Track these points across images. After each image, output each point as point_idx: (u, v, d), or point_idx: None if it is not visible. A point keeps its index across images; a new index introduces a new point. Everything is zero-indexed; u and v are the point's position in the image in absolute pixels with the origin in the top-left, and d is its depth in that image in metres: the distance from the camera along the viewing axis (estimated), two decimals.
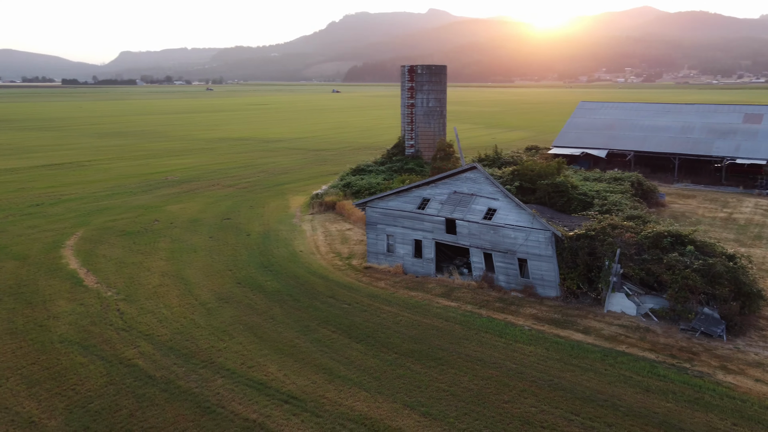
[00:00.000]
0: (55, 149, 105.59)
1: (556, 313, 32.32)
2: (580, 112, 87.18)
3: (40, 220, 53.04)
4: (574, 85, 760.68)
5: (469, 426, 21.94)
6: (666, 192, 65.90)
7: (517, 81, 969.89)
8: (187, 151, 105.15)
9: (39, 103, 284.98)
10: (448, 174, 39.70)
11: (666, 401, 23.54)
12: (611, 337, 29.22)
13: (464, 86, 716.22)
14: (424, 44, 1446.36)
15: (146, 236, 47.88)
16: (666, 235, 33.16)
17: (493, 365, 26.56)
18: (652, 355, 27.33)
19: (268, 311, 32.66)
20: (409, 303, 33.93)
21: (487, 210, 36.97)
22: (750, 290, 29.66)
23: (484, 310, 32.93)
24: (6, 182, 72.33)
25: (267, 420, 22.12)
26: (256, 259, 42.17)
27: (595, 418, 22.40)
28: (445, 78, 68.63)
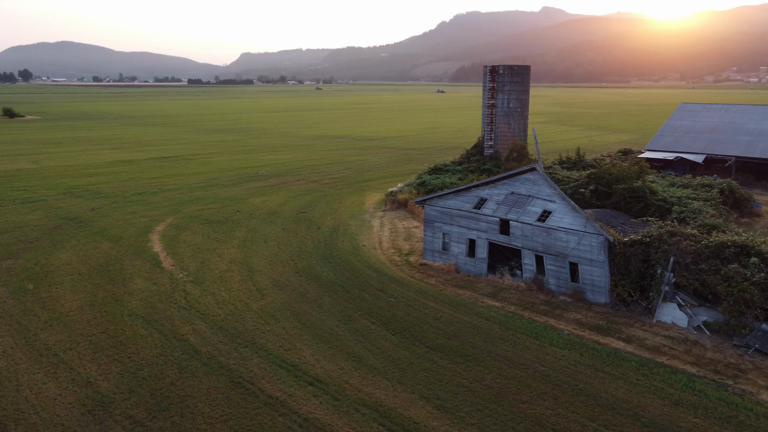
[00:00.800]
0: (166, 143, 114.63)
1: (601, 319, 31.54)
2: (679, 114, 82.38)
3: (140, 207, 58.37)
4: (698, 85, 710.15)
5: (479, 421, 22.30)
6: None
7: (634, 81, 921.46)
8: (283, 147, 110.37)
9: (163, 101, 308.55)
10: (507, 175, 39.59)
11: (694, 416, 22.61)
12: (654, 348, 28.19)
13: (575, 87, 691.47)
14: (536, 43, 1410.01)
15: (226, 225, 51.44)
16: (729, 245, 31.31)
17: (520, 366, 26.59)
18: (694, 369, 26.14)
19: (317, 300, 34.38)
20: (454, 300, 34.40)
21: (542, 212, 36.59)
22: None
23: (527, 312, 32.75)
24: (121, 172, 79.84)
25: (289, 398, 23.67)
26: (320, 251, 44.18)
27: (611, 426, 22.00)
28: (528, 79, 67.58)
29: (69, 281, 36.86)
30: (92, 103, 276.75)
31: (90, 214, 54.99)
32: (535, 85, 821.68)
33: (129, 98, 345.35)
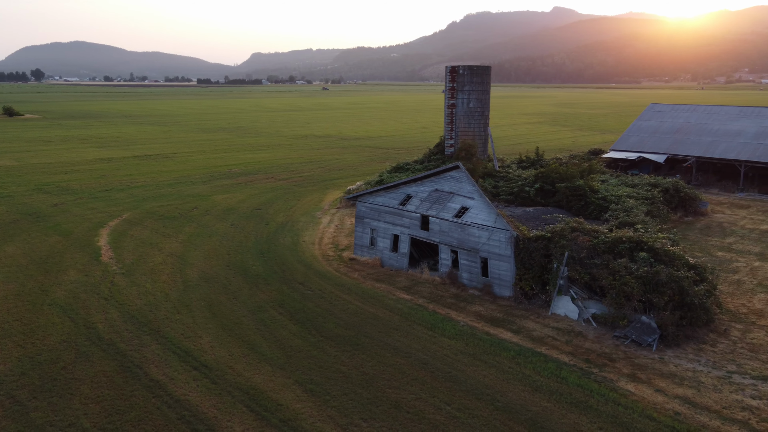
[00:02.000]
0: (153, 142, 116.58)
1: (500, 312, 32.65)
2: (647, 115, 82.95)
3: (102, 203, 60.06)
4: (708, 86, 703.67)
5: (341, 404, 23.53)
6: (724, 201, 61.83)
7: (645, 82, 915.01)
8: (266, 146, 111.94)
9: (168, 101, 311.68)
10: (433, 172, 40.78)
11: (547, 401, 23.69)
12: (538, 339, 29.26)
13: (584, 87, 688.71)
14: (546, 44, 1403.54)
15: (178, 221, 52.95)
16: (624, 240, 32.29)
17: (404, 354, 27.77)
18: (567, 358, 27.20)
19: (236, 292, 35.74)
20: (367, 293, 35.61)
21: (460, 208, 37.72)
22: (692, 301, 28.38)
23: (433, 304, 33.91)
24: (97, 169, 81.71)
25: (169, 382, 25.02)
26: (260, 246, 45.55)
27: (465, 409, 23.14)
28: (489, 79, 68.52)
29: (5, 272, 38.48)
30: (96, 103, 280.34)
31: (51, 210, 56.74)
32: (544, 85, 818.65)
33: (135, 98, 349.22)
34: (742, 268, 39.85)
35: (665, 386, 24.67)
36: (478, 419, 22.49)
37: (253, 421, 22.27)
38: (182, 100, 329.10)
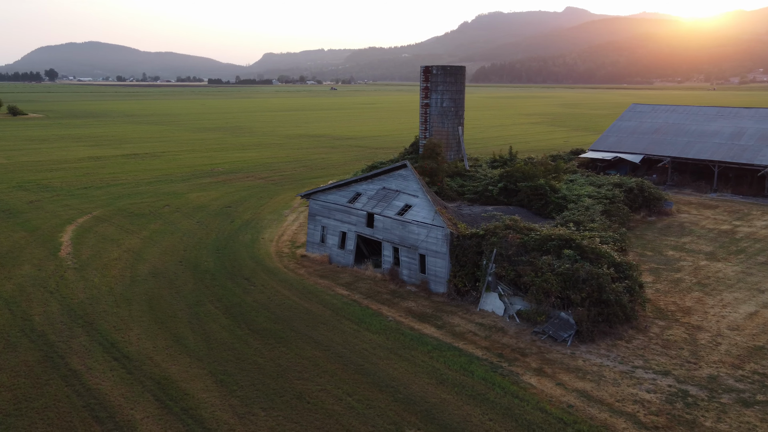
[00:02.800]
0: (146, 141, 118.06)
1: (431, 308, 33.21)
2: (628, 115, 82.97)
3: (77, 200, 61.26)
4: (720, 87, 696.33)
5: (246, 394, 24.24)
6: (694, 201, 61.86)
7: (657, 83, 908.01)
8: (256, 145, 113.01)
9: (173, 101, 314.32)
10: (382, 170, 41.44)
11: (448, 393, 24.25)
12: (459, 334, 29.81)
13: (595, 88, 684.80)
14: (558, 44, 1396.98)
15: (146, 218, 53.95)
16: (553, 238, 32.74)
17: (324, 347, 28.43)
18: (480, 353, 27.73)
19: (181, 286, 36.57)
20: (307, 289, 36.31)
21: (404, 206, 38.31)
22: (609, 298, 28.79)
23: (368, 300, 34.54)
24: (83, 168, 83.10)
25: (86, 372, 25.85)
26: (219, 242, 46.40)
27: (365, 400, 23.76)
28: (463, 79, 68.99)
29: None
30: (102, 103, 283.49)
31: (25, 207, 57.99)
32: (554, 86, 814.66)
33: (142, 97, 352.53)
34: (687, 267, 40.09)
35: (567, 380, 25.14)
36: (374, 410, 23.10)
37: (155, 409, 23.03)
38: (188, 100, 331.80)
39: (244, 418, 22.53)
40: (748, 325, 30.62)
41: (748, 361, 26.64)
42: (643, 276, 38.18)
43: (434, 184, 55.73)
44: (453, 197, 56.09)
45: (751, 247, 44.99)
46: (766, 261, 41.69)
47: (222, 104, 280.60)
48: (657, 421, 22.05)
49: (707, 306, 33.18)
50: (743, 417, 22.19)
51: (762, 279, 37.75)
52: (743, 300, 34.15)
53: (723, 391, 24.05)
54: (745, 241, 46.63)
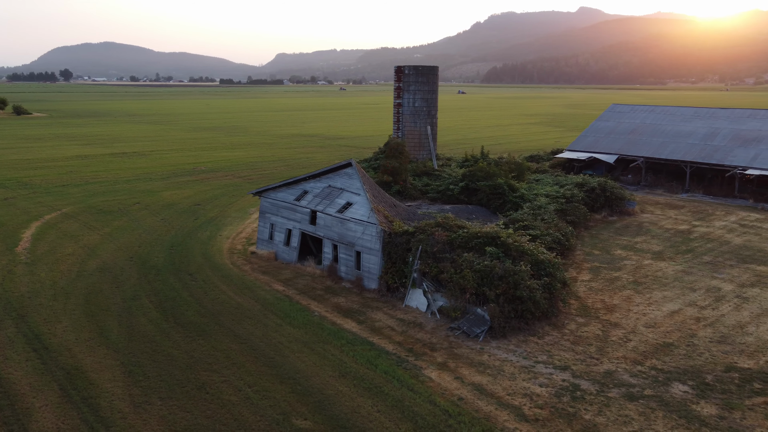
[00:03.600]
0: (139, 140, 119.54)
1: (359, 304, 33.78)
2: (607, 115, 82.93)
3: (51, 198, 62.48)
4: (735, 87, 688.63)
5: (150, 384, 24.95)
6: (662, 201, 61.84)
7: (671, 83, 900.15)
8: (246, 145, 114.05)
9: (179, 101, 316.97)
10: (329, 168, 42.08)
11: (345, 386, 24.82)
12: (377, 329, 30.35)
13: (606, 88, 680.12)
14: (570, 44, 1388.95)
15: (113, 215, 54.98)
16: (480, 235, 33.17)
17: (242, 340, 29.10)
18: (392, 347, 28.26)
19: (124, 281, 37.41)
20: (246, 284, 37.02)
21: (345, 204, 38.90)
22: (522, 294, 29.19)
23: (301, 296, 35.17)
24: (68, 166, 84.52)
25: (3, 361, 26.72)
26: (176, 239, 47.26)
27: (263, 391, 24.38)
28: (435, 79, 69.42)
29: None
30: (109, 102, 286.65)
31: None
32: (566, 86, 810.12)
33: (150, 97, 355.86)
34: (628, 266, 40.30)
35: (467, 374, 25.60)
36: (268, 400, 23.73)
37: (56, 398, 23.81)
38: (194, 100, 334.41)
39: (140, 407, 23.25)
40: (666, 322, 30.88)
41: (651, 357, 26.94)
42: (582, 274, 38.61)
43: (397, 183, 56.33)
44: (416, 196, 56.65)
45: (701, 247, 45.07)
46: (711, 260, 41.80)
47: (226, 104, 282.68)
48: (539, 414, 22.47)
49: (633, 304, 33.44)
50: (623, 410, 22.54)
51: (699, 278, 37.91)
52: (671, 298, 34.37)
53: (614, 385, 24.40)
54: (697, 241, 46.70)
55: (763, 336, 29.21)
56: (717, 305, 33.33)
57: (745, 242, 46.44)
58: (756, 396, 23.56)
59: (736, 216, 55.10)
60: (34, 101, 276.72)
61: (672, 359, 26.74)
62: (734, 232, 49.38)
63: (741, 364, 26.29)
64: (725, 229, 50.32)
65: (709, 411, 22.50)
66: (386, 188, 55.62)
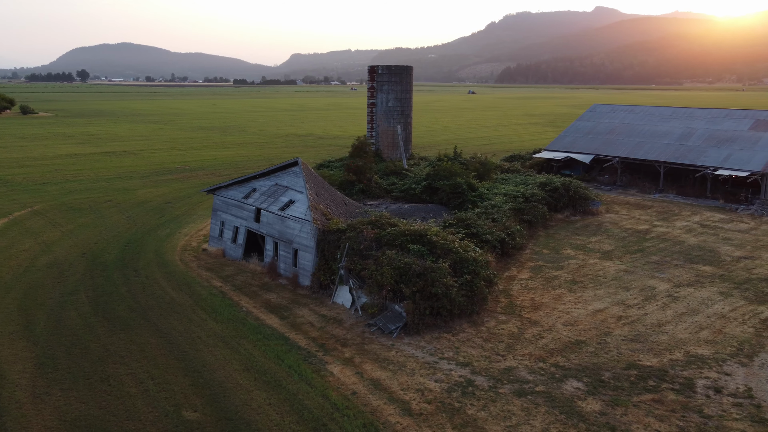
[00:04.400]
0: (133, 139, 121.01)
1: (289, 300, 34.23)
2: (587, 115, 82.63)
3: (27, 195, 63.68)
4: (751, 87, 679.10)
5: (56, 376, 25.57)
6: (632, 201, 61.59)
7: (687, 83, 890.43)
8: (238, 144, 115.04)
9: (186, 101, 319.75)
10: (277, 167, 42.59)
11: (246, 379, 25.26)
12: (296, 325, 30.78)
13: (619, 89, 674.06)
14: (585, 44, 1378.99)
15: (81, 212, 55.96)
16: (407, 233, 33.47)
17: (162, 335, 29.66)
18: (305, 343, 28.67)
19: (68, 277, 38.16)
20: (186, 280, 37.62)
21: (287, 202, 39.38)
22: (438, 292, 29.44)
23: (235, 292, 35.70)
24: (54, 164, 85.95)
25: None
26: (135, 235, 48.04)
27: (164, 384, 24.89)
28: (409, 78, 69.74)
29: None
30: (116, 102, 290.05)
31: None
32: (579, 86, 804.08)
33: (159, 97, 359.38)
34: (571, 265, 40.32)
35: (369, 369, 25.93)
36: (166, 392, 24.23)
37: None
38: (202, 99, 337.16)
39: (39, 397, 23.86)
40: (586, 321, 30.96)
41: (558, 354, 27.08)
42: (522, 273, 38.75)
43: (361, 182, 56.73)
44: (380, 195, 57.01)
45: (653, 247, 44.94)
46: (659, 260, 41.70)
47: (233, 104, 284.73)
48: (425, 408, 22.75)
49: (561, 302, 33.53)
50: (508, 406, 22.75)
51: (638, 278, 37.87)
52: (601, 297, 34.41)
53: (509, 382, 24.59)
54: (651, 241, 46.55)
55: (677, 335, 29.20)
56: (644, 304, 33.32)
57: (699, 242, 46.21)
58: (645, 393, 23.64)
59: (701, 216, 54.77)
60: (46, 101, 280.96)
61: (577, 357, 26.86)
62: (692, 233, 49.14)
63: (644, 362, 26.35)
64: (684, 230, 50.08)
65: (593, 407, 22.64)
66: (350, 187, 56.10)
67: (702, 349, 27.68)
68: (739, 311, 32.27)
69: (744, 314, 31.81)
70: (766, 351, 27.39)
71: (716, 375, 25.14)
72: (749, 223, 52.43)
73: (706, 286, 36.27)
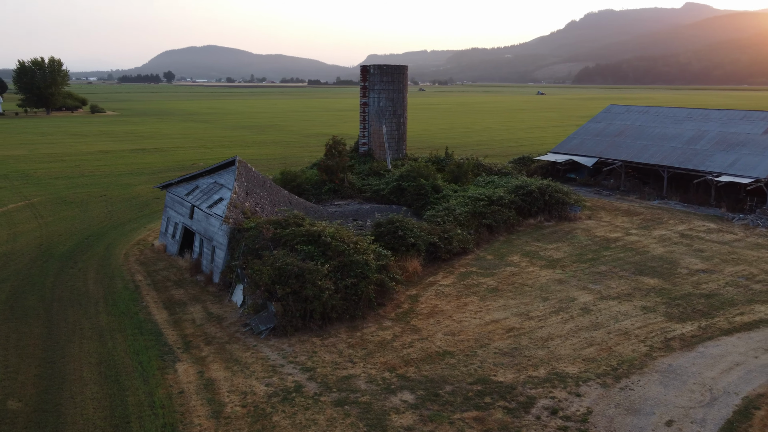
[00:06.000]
0: (169, 137, 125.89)
1: (191, 297, 34.49)
2: (601, 116, 78.59)
3: (34, 189, 67.49)
4: None
5: None
6: (624, 207, 58.10)
7: None
8: (268, 143, 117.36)
9: (249, 100, 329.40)
10: (219, 165, 43.17)
11: (91, 373, 25.58)
12: (178, 322, 30.95)
13: (704, 89, 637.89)
14: (672, 42, 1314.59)
15: (70, 206, 58.73)
16: (304, 233, 32.97)
17: (48, 325, 30.49)
18: (173, 340, 28.76)
19: (10, 266, 40.05)
20: (113, 273, 38.65)
21: (217, 199, 39.76)
22: (309, 294, 28.78)
23: (149, 287, 36.30)
24: (81, 160, 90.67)
25: None
26: (101, 230, 49.93)
27: (12, 373, 25.55)
28: (402, 78, 68.62)
29: None
30: (183, 102, 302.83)
31: None
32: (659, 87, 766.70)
33: (226, 97, 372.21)
34: (505, 273, 38.36)
35: (213, 369, 25.68)
36: (8, 381, 24.90)
37: None
38: (265, 99, 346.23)
39: None
40: (472, 331, 29.39)
41: (412, 365, 25.82)
42: (447, 278, 37.38)
43: (332, 181, 56.49)
44: (351, 195, 56.61)
45: (610, 256, 42.16)
46: (606, 271, 39.07)
47: (290, 104, 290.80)
48: (236, 412, 22.28)
49: (461, 311, 32.01)
50: (318, 415, 21.88)
51: (566, 288, 35.61)
52: (508, 307, 32.58)
53: (338, 390, 23.68)
54: (612, 250, 43.67)
55: (558, 351, 27.21)
56: (549, 317, 31.27)
57: (665, 253, 42.94)
58: (473, 410, 22.14)
59: (688, 225, 50.89)
60: (123, 101, 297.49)
61: (431, 368, 25.52)
62: (665, 242, 45.73)
63: (498, 377, 24.69)
64: (658, 239, 46.68)
65: (403, 422, 21.43)
66: (321, 187, 56.03)
67: (573, 367, 25.65)
68: (648, 328, 29.70)
69: (651, 332, 29.25)
70: (641, 373, 25.06)
71: (565, 395, 23.22)
72: (737, 234, 48.21)
73: (633, 300, 33.64)
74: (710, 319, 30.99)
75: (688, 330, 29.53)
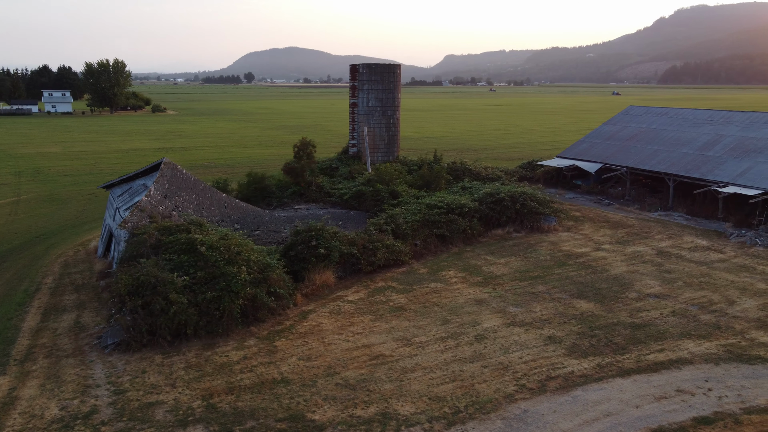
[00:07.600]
0: (206, 136, 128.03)
1: (77, 302, 33.33)
2: (617, 118, 72.31)
3: (35, 185, 69.53)
4: None
5: None
6: (616, 218, 52.81)
7: None
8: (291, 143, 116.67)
9: (310, 100, 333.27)
10: (150, 166, 42.16)
11: None
12: (40, 330, 29.64)
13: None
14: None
15: (53, 204, 59.87)
16: (183, 241, 31.08)
17: None
18: (21, 350, 27.50)
19: None
20: (30, 273, 38.36)
21: (136, 202, 38.60)
22: (157, 308, 26.77)
23: (47, 289, 35.48)
24: (102, 158, 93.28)
25: None
26: (60, 228, 50.29)
27: None
28: (393, 77, 65.55)
29: None
30: (245, 102, 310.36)
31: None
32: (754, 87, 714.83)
33: (295, 97, 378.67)
34: (426, 290, 34.86)
35: (31, 384, 23.99)
36: None
37: None
38: (327, 99, 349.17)
39: None
40: (330, 357, 26.41)
41: (235, 393, 23.23)
42: (356, 294, 34.51)
43: (298, 184, 54.61)
44: (316, 199, 54.60)
45: (558, 275, 37.75)
46: (543, 291, 34.88)
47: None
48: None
49: (341, 332, 29.03)
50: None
51: (480, 310, 31.83)
52: (393, 330, 29.30)
53: (130, 419, 21.45)
54: (566, 267, 39.16)
55: (411, 386, 23.81)
56: (432, 344, 27.77)
57: (624, 273, 38.04)
58: None
59: (674, 241, 45.22)
60: (194, 101, 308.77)
61: (253, 398, 22.84)
62: (633, 260, 40.64)
63: (315, 415, 21.72)
64: (627, 256, 41.59)
65: None
66: (285, 189, 54.29)
67: (411, 406, 22.26)
68: (535, 363, 25.71)
69: (535, 368, 25.26)
70: (482, 419, 21.36)
71: None
72: (726, 253, 42.25)
73: (544, 328, 29.50)
74: (619, 355, 26.56)
75: (581, 368, 25.33)
